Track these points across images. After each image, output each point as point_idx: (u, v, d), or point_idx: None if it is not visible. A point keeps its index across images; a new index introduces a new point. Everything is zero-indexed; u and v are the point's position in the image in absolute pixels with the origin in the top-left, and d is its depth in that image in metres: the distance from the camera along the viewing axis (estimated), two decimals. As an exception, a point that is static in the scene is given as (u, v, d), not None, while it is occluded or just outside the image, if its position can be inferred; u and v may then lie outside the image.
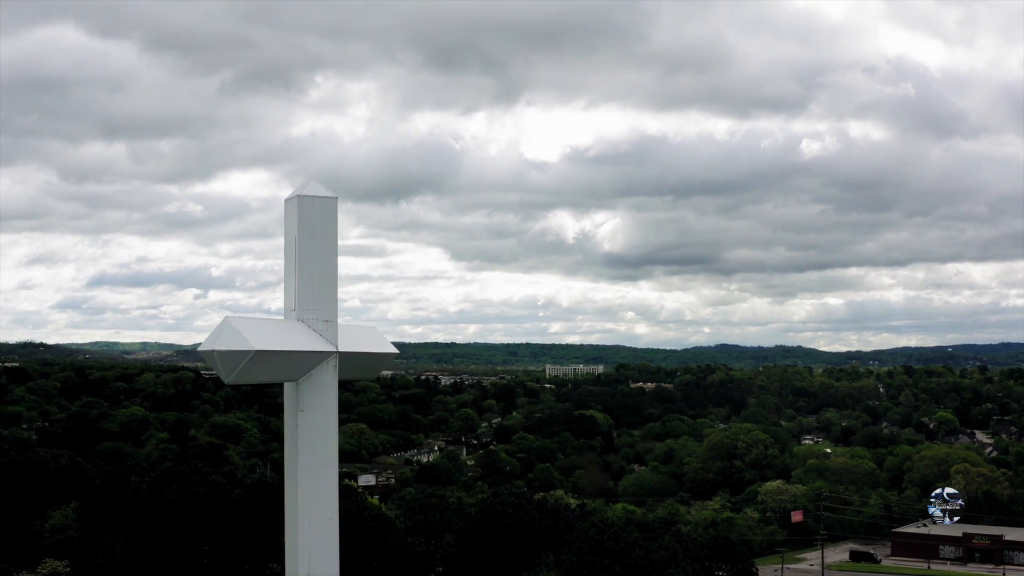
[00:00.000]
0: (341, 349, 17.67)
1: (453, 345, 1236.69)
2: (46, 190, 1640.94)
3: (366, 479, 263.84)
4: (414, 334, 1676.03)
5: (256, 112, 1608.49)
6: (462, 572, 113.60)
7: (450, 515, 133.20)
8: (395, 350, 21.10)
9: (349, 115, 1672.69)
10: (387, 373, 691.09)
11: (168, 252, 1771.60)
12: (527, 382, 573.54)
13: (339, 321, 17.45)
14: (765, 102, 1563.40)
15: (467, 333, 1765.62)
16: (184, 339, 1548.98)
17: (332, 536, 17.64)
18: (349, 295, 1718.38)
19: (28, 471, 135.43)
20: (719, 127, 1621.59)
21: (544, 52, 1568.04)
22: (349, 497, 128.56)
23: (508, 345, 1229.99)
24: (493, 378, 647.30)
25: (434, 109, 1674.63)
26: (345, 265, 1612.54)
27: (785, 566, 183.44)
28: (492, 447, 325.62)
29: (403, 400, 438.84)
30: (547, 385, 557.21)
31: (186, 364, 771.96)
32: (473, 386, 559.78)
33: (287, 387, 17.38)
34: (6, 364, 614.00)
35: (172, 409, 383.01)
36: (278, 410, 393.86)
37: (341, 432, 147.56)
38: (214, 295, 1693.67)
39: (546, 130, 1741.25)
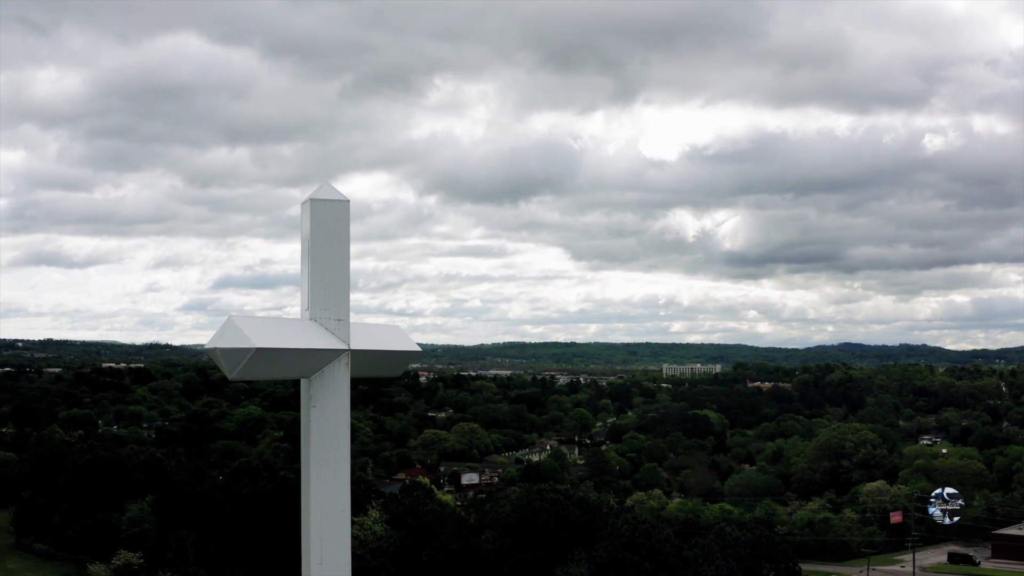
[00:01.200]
0: (354, 347, 18.06)
1: (573, 345, 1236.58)
2: (172, 195, 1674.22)
3: (469, 477, 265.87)
4: (534, 334, 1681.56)
5: (376, 115, 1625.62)
6: (499, 566, 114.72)
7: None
8: (416, 348, 21.39)
9: (468, 117, 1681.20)
10: (504, 373, 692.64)
11: (291, 254, 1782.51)
12: (643, 381, 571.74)
13: (367, 320, 18.01)
14: (886, 97, 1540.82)
15: (588, 333, 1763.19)
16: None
17: (344, 526, 18.08)
18: (470, 295, 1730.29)
19: (109, 467, 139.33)
20: (840, 123, 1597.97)
21: (661, 50, 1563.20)
22: (412, 493, 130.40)
23: (628, 345, 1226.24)
24: (611, 378, 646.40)
25: (552, 109, 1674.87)
26: (466, 265, 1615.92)
27: (880, 568, 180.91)
28: (604, 447, 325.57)
29: (518, 400, 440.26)
30: (663, 385, 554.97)
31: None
32: (589, 386, 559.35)
33: (302, 383, 17.95)
34: (131, 365, 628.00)
35: (290, 408, 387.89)
36: (393, 409, 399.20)
37: (454, 432, 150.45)
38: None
39: (664, 128, 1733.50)
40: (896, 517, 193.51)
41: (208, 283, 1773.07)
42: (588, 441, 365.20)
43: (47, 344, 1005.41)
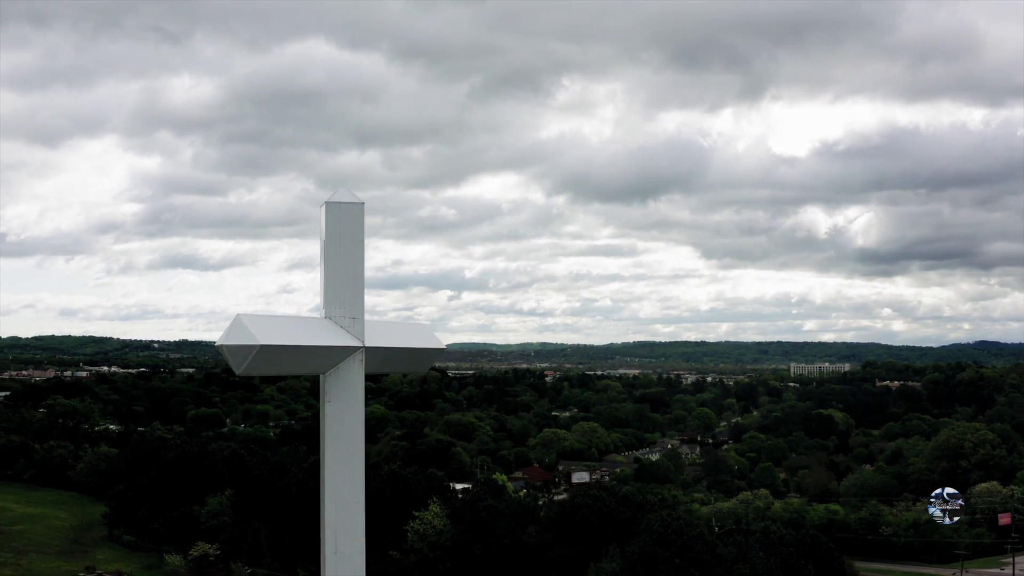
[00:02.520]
0: (368, 344, 18.82)
1: (703, 344, 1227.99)
2: (304, 198, 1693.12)
3: (580, 476, 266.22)
4: (665, 333, 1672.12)
5: (505, 116, 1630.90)
6: (540, 561, 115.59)
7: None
8: (440, 345, 22.10)
9: (596, 116, 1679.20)
10: (632, 372, 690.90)
11: (422, 255, 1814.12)
12: (770, 381, 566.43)
13: (392, 319, 18.68)
14: (1020, 90, 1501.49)
15: (719, 332, 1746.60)
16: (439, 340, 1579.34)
17: (358, 517, 18.84)
18: (600, 295, 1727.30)
19: (193, 462, 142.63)
20: (973, 116, 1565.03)
21: (788, 46, 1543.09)
22: (486, 490, 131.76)
23: (759, 344, 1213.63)
24: (739, 377, 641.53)
25: (680, 108, 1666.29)
26: (596, 265, 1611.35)
27: (980, 571, 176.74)
28: (726, 446, 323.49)
29: (642, 399, 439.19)
30: (791, 384, 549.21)
31: (435, 364, 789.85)
32: (715, 385, 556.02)
33: (321, 379, 18.77)
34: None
35: (414, 408, 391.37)
36: (516, 409, 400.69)
37: (574, 431, 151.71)
38: (467, 296, 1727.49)
39: (794, 124, 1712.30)
40: (1005, 519, 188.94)
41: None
42: (711, 441, 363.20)
43: (182, 345, 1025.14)
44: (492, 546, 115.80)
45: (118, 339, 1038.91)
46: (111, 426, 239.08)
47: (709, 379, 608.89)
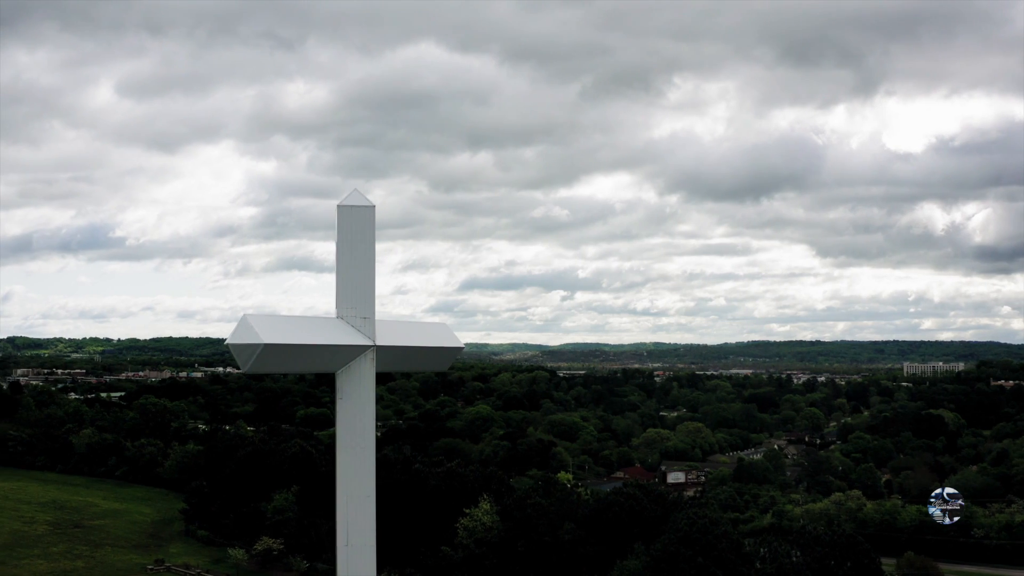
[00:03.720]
0: (379, 343, 19.60)
1: (818, 343, 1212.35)
2: (418, 200, 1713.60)
3: (675, 476, 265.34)
4: (780, 332, 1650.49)
5: (617, 116, 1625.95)
6: (571, 556, 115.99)
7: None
8: (458, 344, 22.83)
9: (708, 115, 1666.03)
10: (744, 372, 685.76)
11: (535, 255, 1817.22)
12: (882, 380, 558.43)
13: (412, 318, 19.36)
14: None
15: (835, 331, 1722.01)
16: (552, 340, 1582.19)
17: (369, 511, 19.65)
18: (714, 294, 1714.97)
19: (263, 459, 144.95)
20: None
21: (902, 41, 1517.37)
22: (548, 488, 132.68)
23: (875, 343, 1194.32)
24: (854, 377, 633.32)
25: (792, 105, 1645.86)
26: (710, 264, 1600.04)
27: None
28: (833, 446, 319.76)
29: (751, 399, 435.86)
30: (903, 384, 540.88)
31: (546, 365, 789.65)
32: (827, 385, 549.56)
33: (335, 377, 19.60)
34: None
35: (521, 408, 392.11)
36: (623, 409, 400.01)
37: (678, 431, 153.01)
38: (581, 296, 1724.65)
39: (908, 120, 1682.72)
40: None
41: (455, 285, 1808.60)
42: (818, 441, 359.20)
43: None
44: (534, 543, 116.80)
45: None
46: (201, 425, 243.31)
47: (822, 379, 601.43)
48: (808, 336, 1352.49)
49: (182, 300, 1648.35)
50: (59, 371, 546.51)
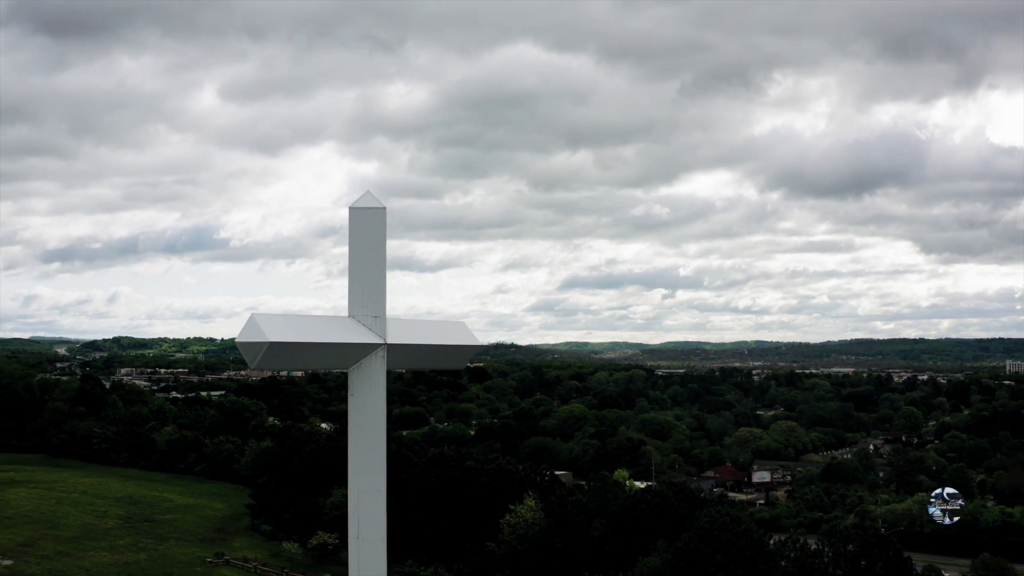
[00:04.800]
0: (390, 341, 20.17)
1: (922, 341, 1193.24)
2: (518, 199, 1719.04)
3: (760, 476, 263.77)
4: (884, 330, 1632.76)
5: (717, 113, 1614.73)
6: (599, 552, 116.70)
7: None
8: (475, 342, 23.26)
9: (809, 111, 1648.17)
10: (845, 371, 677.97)
11: (636, 254, 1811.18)
12: (983, 379, 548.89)
13: (431, 317, 19.91)
14: None
15: (940, 328, 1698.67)
16: (653, 339, 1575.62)
17: (380, 505, 20.20)
18: (817, 291, 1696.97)
19: (325, 456, 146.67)
20: None
21: (1004, 33, 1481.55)
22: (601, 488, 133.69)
23: (981, 341, 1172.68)
24: (956, 375, 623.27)
25: (894, 99, 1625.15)
26: (812, 261, 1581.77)
27: None
28: (929, 446, 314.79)
29: (848, 398, 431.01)
30: (1006, 382, 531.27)
31: (646, 363, 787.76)
32: (927, 383, 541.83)
33: (348, 374, 20.21)
34: (473, 364, 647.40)
35: (616, 407, 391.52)
36: (719, 407, 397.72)
37: (772, 430, 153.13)
38: (682, 295, 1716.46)
39: (1013, 114, 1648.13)
40: None
41: (555, 284, 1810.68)
42: (915, 440, 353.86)
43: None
44: (571, 539, 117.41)
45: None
46: (277, 422, 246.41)
47: (923, 377, 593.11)
48: (912, 334, 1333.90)
49: (285, 300, 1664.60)
50: (162, 370, 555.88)
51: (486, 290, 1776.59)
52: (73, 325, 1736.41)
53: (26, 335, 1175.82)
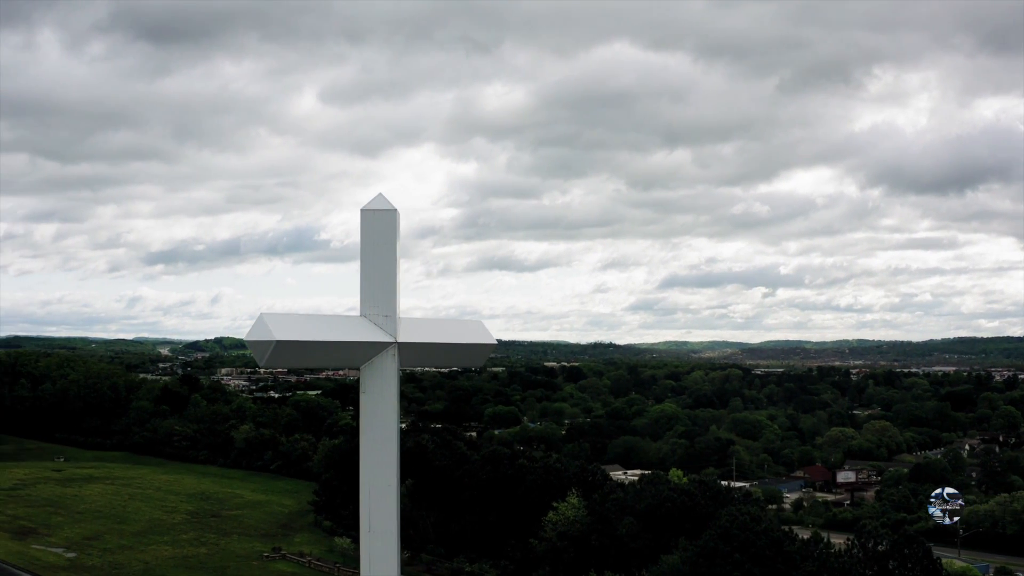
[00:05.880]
0: (401, 340, 20.80)
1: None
2: (616, 198, 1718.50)
3: (845, 476, 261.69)
4: (989, 328, 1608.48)
5: (816, 110, 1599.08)
6: (626, 549, 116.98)
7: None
8: (490, 340, 23.73)
9: (910, 106, 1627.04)
10: (946, 369, 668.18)
11: (736, 252, 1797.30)
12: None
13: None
14: None
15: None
16: (752, 337, 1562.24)
17: (390, 500, 20.81)
18: (919, 289, 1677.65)
19: None
20: None
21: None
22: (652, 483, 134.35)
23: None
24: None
25: (995, 94, 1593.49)
26: (915, 259, 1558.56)
27: None
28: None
29: (946, 397, 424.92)
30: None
31: (745, 363, 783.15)
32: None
33: (360, 371, 20.89)
34: (568, 364, 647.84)
35: (710, 406, 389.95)
36: (814, 407, 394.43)
37: (865, 430, 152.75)
38: (782, 293, 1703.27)
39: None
40: None
41: (654, 283, 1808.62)
42: (1013, 440, 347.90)
43: (496, 345, 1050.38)
44: (606, 536, 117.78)
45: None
46: (353, 421, 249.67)
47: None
48: (1018, 332, 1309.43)
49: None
50: (262, 370, 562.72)
51: (585, 290, 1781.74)
52: (176, 326, 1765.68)
53: (130, 336, 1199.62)
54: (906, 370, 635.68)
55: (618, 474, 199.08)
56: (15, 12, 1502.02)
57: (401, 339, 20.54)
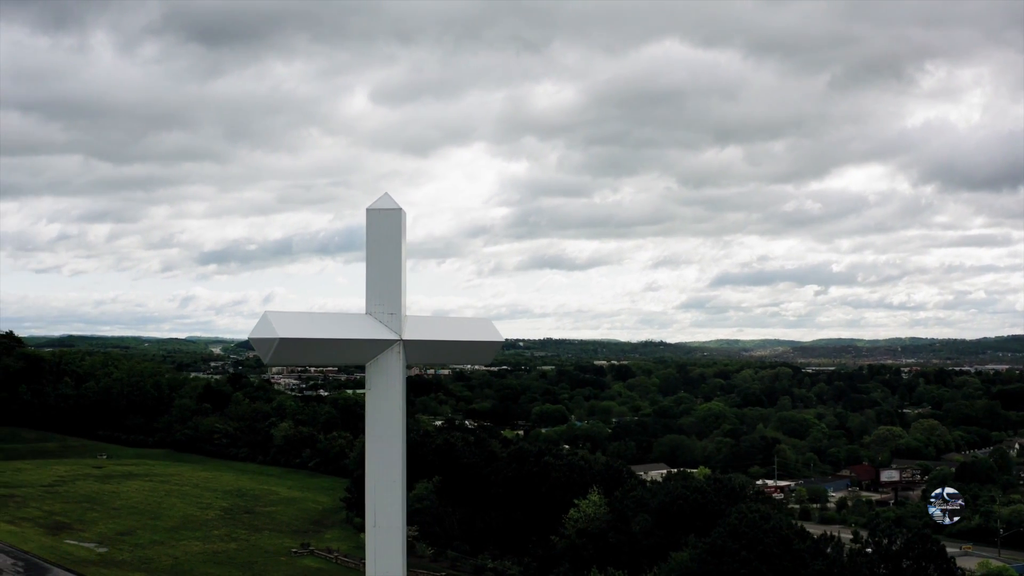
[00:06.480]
0: (406, 338, 21.20)
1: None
2: (667, 196, 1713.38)
3: (889, 475, 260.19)
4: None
5: (868, 106, 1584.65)
6: (638, 546, 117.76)
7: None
8: (498, 338, 24.08)
9: (963, 102, 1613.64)
10: (993, 368, 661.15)
11: (788, 250, 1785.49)
12: None
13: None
14: None
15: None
16: (805, 336, 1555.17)
17: (395, 495, 21.20)
18: (974, 286, 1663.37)
19: (413, 451, 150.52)
20: None
21: None
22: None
23: None
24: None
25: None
26: (969, 256, 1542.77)
27: None
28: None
29: (998, 396, 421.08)
30: None
31: (796, 361, 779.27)
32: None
33: (365, 368, 21.32)
34: (618, 362, 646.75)
35: (759, 405, 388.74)
36: (863, 406, 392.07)
37: (913, 429, 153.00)
38: (835, 291, 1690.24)
39: None
40: None
41: (706, 281, 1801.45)
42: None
43: (546, 343, 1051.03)
44: (623, 534, 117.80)
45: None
46: None
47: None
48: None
49: (436, 299, 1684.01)
50: (312, 369, 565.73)
51: (636, 288, 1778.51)
52: (229, 325, 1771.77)
53: (183, 335, 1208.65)
54: (958, 368, 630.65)
55: (654, 473, 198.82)
56: (68, 16, 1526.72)
57: (406, 336, 20.92)
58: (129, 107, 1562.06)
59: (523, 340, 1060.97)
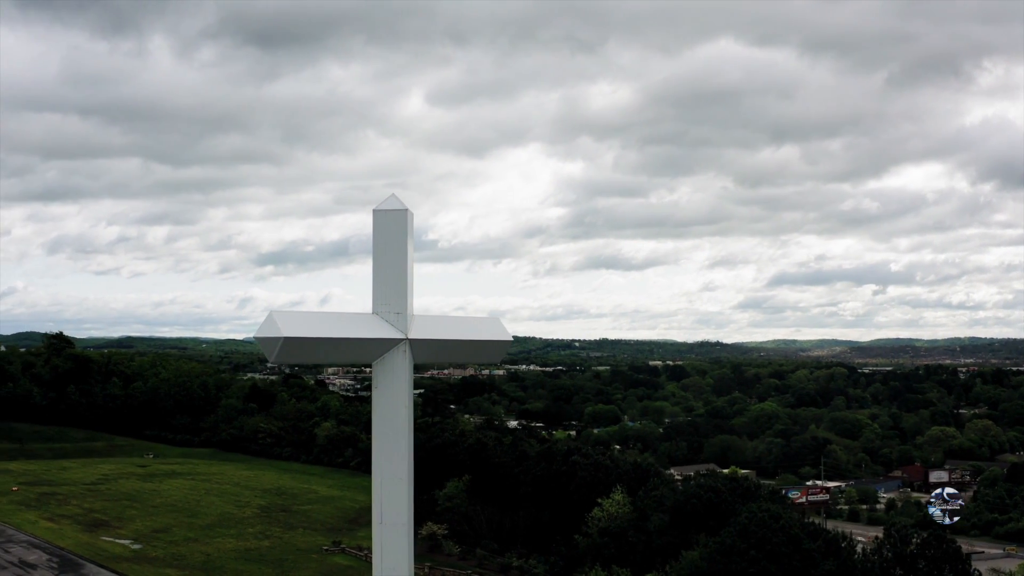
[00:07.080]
0: (412, 337, 21.60)
1: None
2: (724, 196, 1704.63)
3: (937, 475, 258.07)
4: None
5: (926, 104, 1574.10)
6: (650, 544, 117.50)
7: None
8: (506, 337, 24.41)
9: (1022, 99, 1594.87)
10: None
11: (846, 249, 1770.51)
12: None
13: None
14: None
15: None
16: (863, 336, 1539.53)
17: (402, 492, 21.63)
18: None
19: (445, 450, 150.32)
20: None
21: None
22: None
23: None
24: None
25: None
26: (1016, 254, 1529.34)
27: None
28: None
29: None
30: None
31: (853, 361, 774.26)
32: None
33: (372, 367, 21.76)
34: (673, 363, 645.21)
35: (813, 405, 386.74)
36: (918, 406, 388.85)
37: (967, 429, 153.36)
38: (893, 290, 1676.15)
39: None
40: None
41: (763, 281, 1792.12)
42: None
43: (602, 344, 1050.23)
44: (641, 532, 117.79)
45: (540, 339, 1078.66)
46: (431, 419, 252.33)
47: None
48: None
49: (492, 300, 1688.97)
50: (366, 369, 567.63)
51: (693, 288, 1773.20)
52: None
53: (240, 336, 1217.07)
54: (1016, 368, 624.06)
55: (688, 472, 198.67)
56: (126, 20, 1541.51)
57: (412, 336, 21.29)
58: (187, 110, 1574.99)
59: (579, 340, 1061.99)
